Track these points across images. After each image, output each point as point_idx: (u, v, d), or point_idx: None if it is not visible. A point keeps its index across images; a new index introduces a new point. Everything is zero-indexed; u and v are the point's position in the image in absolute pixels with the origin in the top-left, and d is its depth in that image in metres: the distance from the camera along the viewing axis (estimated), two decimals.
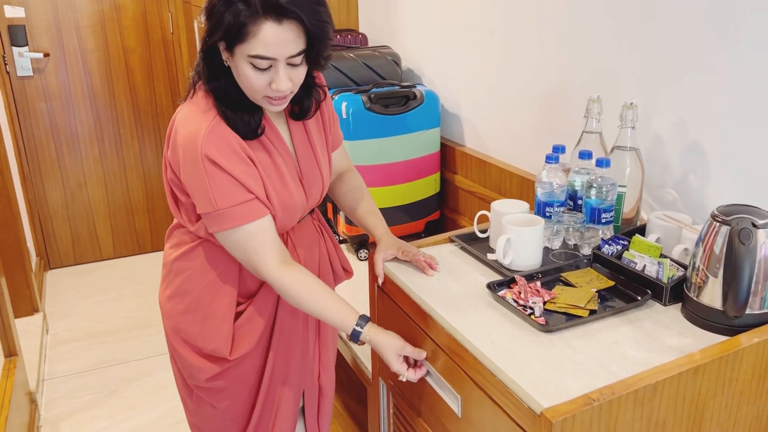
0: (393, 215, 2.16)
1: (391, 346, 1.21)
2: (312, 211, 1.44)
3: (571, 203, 1.43)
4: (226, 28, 1.09)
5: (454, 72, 2.19)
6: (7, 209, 2.67)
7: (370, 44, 2.60)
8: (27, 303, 2.82)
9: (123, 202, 3.53)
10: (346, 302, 1.25)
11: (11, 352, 2.22)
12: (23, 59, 3.11)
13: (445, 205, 2.31)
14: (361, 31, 2.69)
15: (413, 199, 2.21)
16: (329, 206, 2.26)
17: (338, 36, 2.50)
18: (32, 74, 3.16)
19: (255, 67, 1.12)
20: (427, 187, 2.23)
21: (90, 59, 3.26)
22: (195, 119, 1.19)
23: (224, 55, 1.16)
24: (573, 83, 1.69)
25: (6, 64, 3.09)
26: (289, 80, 1.15)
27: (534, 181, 1.48)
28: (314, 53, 1.16)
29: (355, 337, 1.22)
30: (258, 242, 1.20)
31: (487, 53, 2.00)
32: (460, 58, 2.13)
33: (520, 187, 1.89)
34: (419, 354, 1.22)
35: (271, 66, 1.12)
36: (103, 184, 3.47)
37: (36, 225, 3.37)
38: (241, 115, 1.19)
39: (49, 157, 3.31)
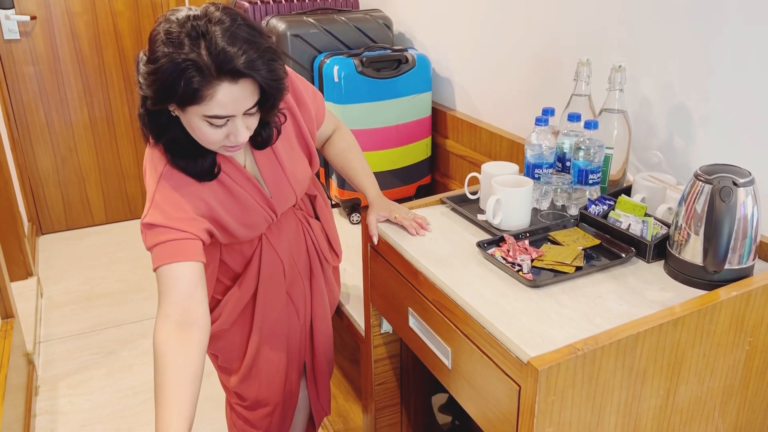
0: (384, 179, 2.18)
1: None
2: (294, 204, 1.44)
3: (560, 165, 1.46)
4: (180, 96, 1.04)
5: (445, 36, 2.19)
6: None
7: (361, 8, 2.59)
8: (21, 267, 2.84)
9: (114, 168, 3.53)
10: (187, 413, 1.05)
11: (8, 314, 2.25)
12: (10, 22, 3.07)
13: (436, 169, 2.34)
14: None
15: (404, 163, 2.23)
16: (321, 170, 2.28)
17: None
18: (19, 38, 3.12)
19: (211, 124, 1.09)
20: (418, 151, 2.24)
21: (77, 22, 3.22)
22: (150, 172, 1.19)
23: (172, 107, 1.10)
24: (563, 46, 1.70)
25: None
26: (246, 129, 1.12)
27: (523, 145, 1.51)
28: (268, 105, 1.13)
29: None
30: (167, 287, 1.12)
31: (478, 17, 2.00)
32: (452, 22, 2.13)
33: (510, 150, 1.91)
34: None
35: (228, 120, 1.09)
36: (93, 149, 3.45)
37: (27, 190, 3.36)
38: (194, 161, 1.17)
39: (38, 121, 3.29)
